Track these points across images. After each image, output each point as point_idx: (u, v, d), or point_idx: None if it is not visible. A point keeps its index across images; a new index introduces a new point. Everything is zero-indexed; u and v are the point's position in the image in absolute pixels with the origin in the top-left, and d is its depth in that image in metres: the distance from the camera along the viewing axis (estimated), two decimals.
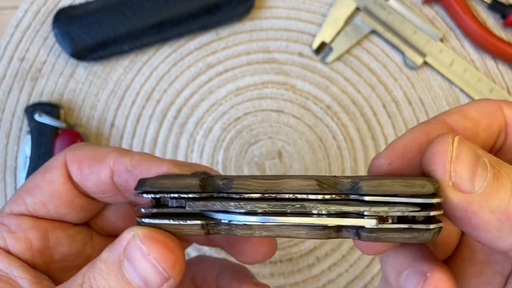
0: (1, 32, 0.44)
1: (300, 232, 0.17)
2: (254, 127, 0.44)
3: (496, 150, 0.20)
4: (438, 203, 0.16)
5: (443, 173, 0.16)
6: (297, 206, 0.17)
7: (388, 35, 0.43)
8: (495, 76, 0.44)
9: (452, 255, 0.23)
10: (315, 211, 0.17)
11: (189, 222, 0.18)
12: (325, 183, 0.17)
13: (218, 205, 0.18)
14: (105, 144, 0.44)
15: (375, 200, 0.16)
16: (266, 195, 0.17)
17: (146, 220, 0.19)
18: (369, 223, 0.16)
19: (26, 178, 0.41)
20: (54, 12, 0.43)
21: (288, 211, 0.17)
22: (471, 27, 0.43)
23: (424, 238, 0.16)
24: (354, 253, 0.42)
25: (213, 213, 0.19)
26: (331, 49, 0.44)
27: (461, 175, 0.16)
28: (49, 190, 0.22)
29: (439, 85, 0.44)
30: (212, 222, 0.18)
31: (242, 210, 0.17)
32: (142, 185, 0.19)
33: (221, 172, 0.44)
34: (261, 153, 0.44)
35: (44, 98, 0.43)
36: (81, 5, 0.43)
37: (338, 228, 0.17)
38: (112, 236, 0.25)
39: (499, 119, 0.19)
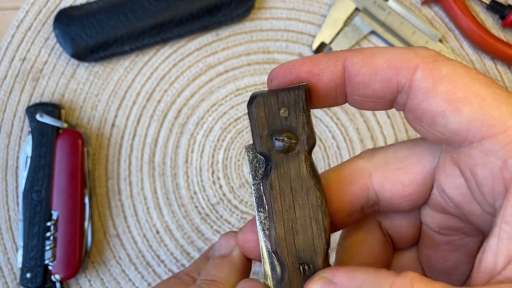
0: (2, 33, 0.44)
1: None
2: None
3: (401, 106, 0.19)
4: None
5: None
6: None
7: (388, 36, 0.44)
8: (494, 76, 0.44)
9: (418, 247, 0.24)
10: None
11: None
12: None
13: None
14: (106, 144, 0.44)
15: None
16: None
17: None
18: None
19: (26, 178, 0.41)
20: (55, 12, 0.44)
21: None
22: (470, 28, 0.43)
23: None
24: None
25: None
26: (330, 49, 0.44)
27: None
28: None
29: None
30: None
31: None
32: None
33: (220, 172, 0.44)
34: None
35: (45, 99, 0.44)
36: (82, 5, 0.43)
37: None
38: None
39: (401, 78, 0.18)
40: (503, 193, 0.17)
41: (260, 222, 0.21)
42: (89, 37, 0.42)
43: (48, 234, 0.40)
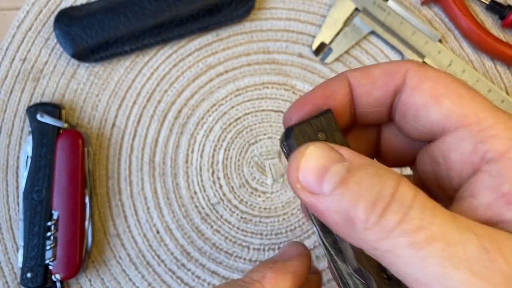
0: (3, 33, 0.45)
1: None
2: (254, 127, 0.44)
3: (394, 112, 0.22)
4: None
5: (292, 180, 0.19)
6: None
7: (387, 36, 0.44)
8: (494, 76, 0.44)
9: None
10: None
11: None
12: None
13: None
14: (106, 144, 0.44)
15: None
16: None
17: None
18: None
19: (27, 178, 0.41)
20: (56, 13, 0.44)
21: None
22: (470, 28, 0.43)
23: None
24: None
25: None
26: (330, 49, 0.44)
27: (308, 180, 0.18)
28: None
29: None
30: None
31: None
32: None
33: (220, 172, 0.44)
34: (261, 152, 0.44)
35: (46, 99, 0.44)
36: (82, 6, 0.44)
37: None
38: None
39: (396, 80, 0.21)
40: (469, 176, 0.19)
41: (330, 247, 0.21)
42: (90, 37, 0.42)
43: (48, 234, 0.40)
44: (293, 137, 0.21)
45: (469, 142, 0.19)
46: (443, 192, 0.21)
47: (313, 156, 0.18)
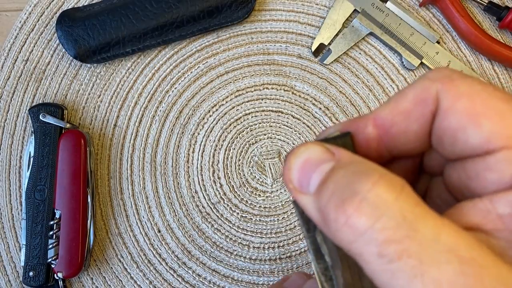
0: (5, 34, 0.45)
1: None
2: (254, 127, 0.45)
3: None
4: None
5: (285, 180, 0.19)
6: None
7: (386, 37, 0.44)
8: (491, 77, 0.45)
9: None
10: None
11: None
12: None
13: None
14: (108, 144, 0.44)
15: None
16: None
17: None
18: None
19: (29, 178, 0.41)
20: (58, 14, 0.44)
21: None
22: (467, 29, 0.43)
23: None
24: None
25: None
26: (329, 51, 0.45)
27: (297, 179, 0.18)
28: None
29: None
30: None
31: None
32: None
33: (221, 171, 0.44)
34: (261, 152, 0.44)
35: (48, 99, 0.44)
36: (84, 7, 0.44)
37: None
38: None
39: (431, 105, 0.19)
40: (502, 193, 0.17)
41: (321, 273, 0.20)
42: (91, 38, 0.43)
43: (50, 232, 0.41)
44: None
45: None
46: (463, 198, 0.19)
47: (303, 156, 0.18)
